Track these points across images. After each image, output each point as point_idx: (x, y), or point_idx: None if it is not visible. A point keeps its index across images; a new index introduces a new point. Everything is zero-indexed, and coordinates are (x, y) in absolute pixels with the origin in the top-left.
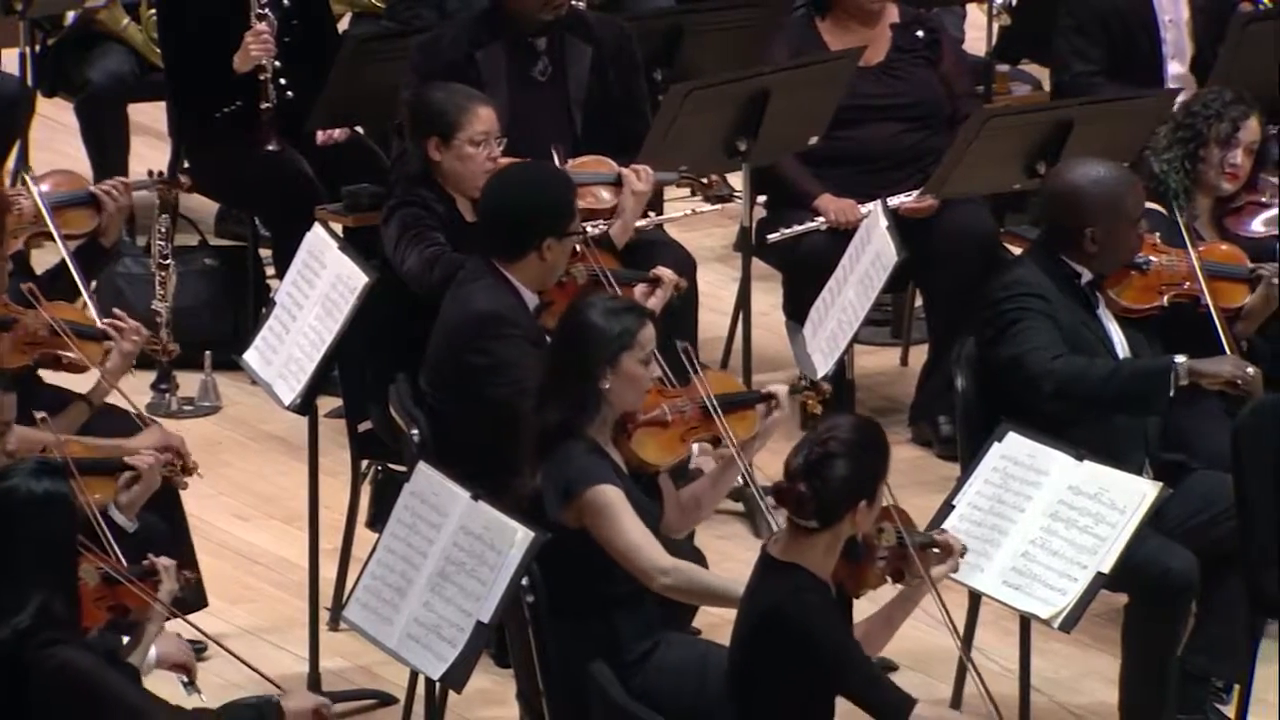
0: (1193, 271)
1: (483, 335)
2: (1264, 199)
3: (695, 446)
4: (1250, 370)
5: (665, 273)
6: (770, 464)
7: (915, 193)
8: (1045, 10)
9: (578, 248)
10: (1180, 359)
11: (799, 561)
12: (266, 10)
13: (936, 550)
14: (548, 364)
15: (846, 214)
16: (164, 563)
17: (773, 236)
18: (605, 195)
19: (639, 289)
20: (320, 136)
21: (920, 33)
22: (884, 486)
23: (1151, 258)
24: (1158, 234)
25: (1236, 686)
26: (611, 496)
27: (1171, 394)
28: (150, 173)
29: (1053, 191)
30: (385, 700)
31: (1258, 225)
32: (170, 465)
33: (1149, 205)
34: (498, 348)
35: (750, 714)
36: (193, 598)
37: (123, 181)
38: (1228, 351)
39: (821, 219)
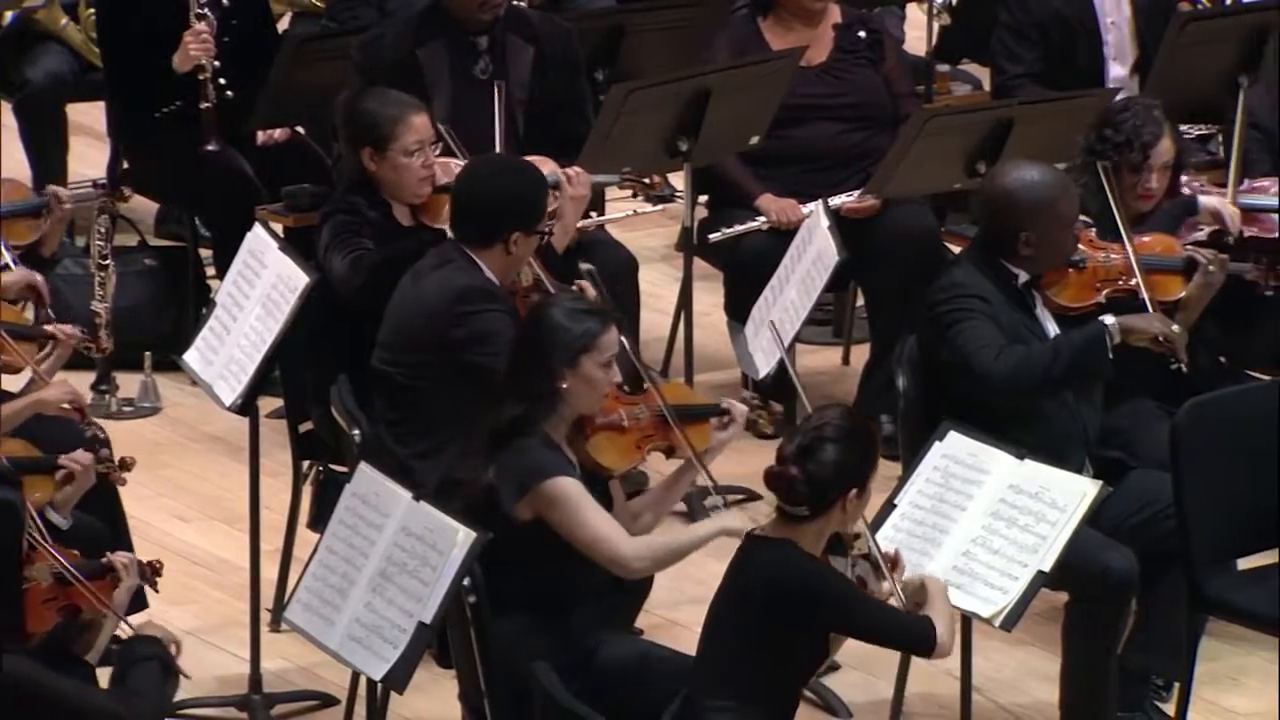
0: (1129, 266)
1: (464, 309)
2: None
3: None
4: (1175, 327)
5: (585, 287)
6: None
7: (857, 193)
8: (985, 10)
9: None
10: (1109, 319)
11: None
12: (206, 10)
13: (892, 561)
14: (510, 359)
15: (788, 214)
16: (122, 560)
17: (714, 236)
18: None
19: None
20: (260, 136)
21: (862, 33)
22: (873, 480)
23: (1087, 254)
24: (1093, 230)
25: (1176, 684)
26: (571, 488)
27: (1110, 355)
28: (94, 183)
29: (987, 196)
30: (327, 701)
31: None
32: (107, 463)
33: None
34: (481, 319)
35: (728, 690)
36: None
37: (66, 192)
38: (1148, 305)
39: (763, 219)
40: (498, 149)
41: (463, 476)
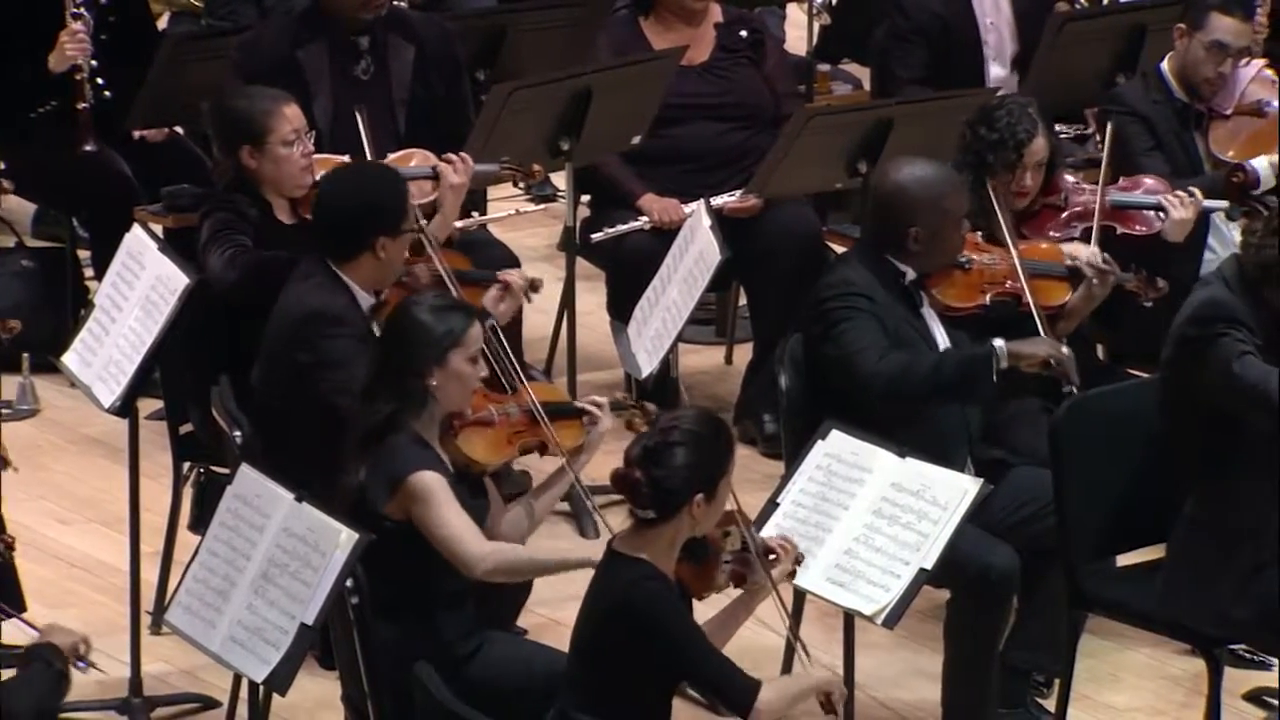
0: (1014, 270)
1: (311, 333)
2: (1059, 201)
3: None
4: (1065, 350)
5: (512, 276)
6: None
7: (739, 192)
8: (865, 10)
9: (425, 247)
10: (999, 342)
11: (643, 555)
12: (82, 9)
13: (773, 556)
14: (375, 360)
15: (670, 213)
16: None
17: (596, 236)
18: (425, 188)
19: (490, 292)
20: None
21: (744, 33)
22: (727, 486)
23: (973, 256)
24: (979, 233)
25: (1057, 680)
26: (433, 483)
27: (995, 378)
28: None
29: (876, 191)
30: (208, 704)
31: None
32: None
33: None
34: (324, 345)
35: (593, 704)
36: (12, 601)
37: None
38: (1036, 314)
39: (645, 219)
40: (365, 148)
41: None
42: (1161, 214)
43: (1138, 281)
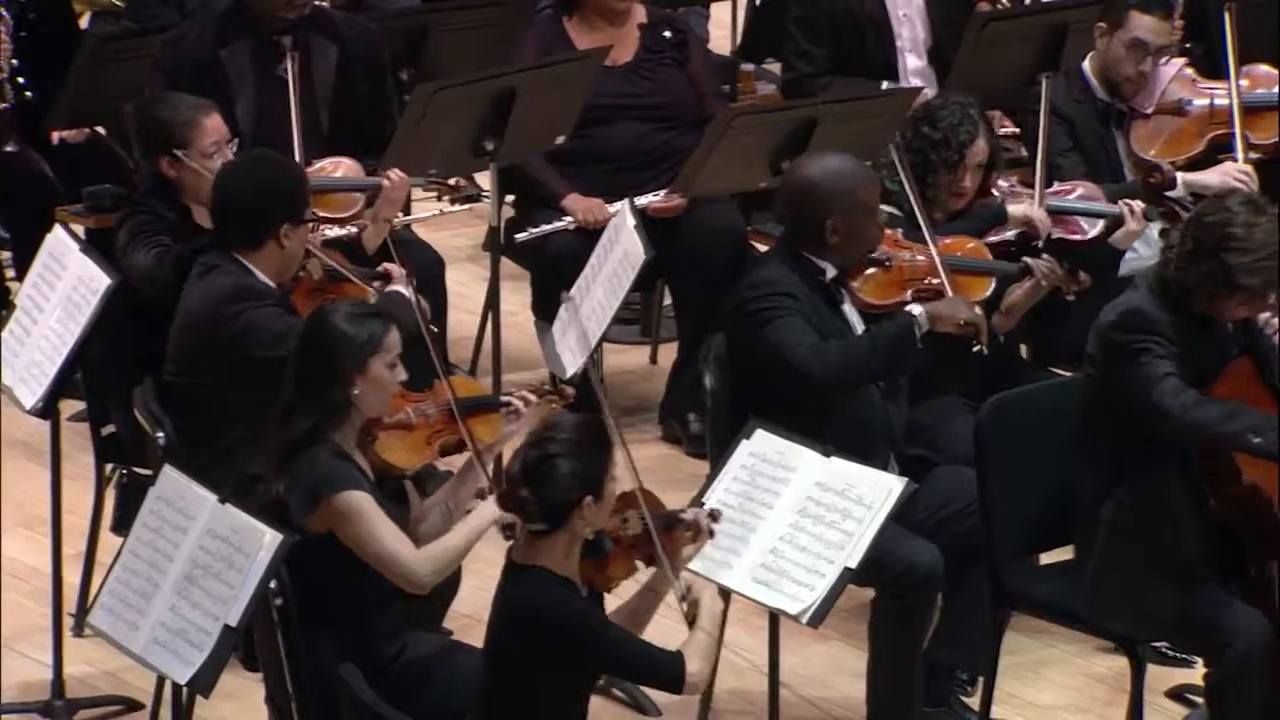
0: (934, 266)
1: (234, 309)
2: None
3: None
4: (978, 311)
5: (394, 269)
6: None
7: (663, 192)
8: (788, 10)
9: (309, 246)
10: (916, 309)
11: (540, 563)
12: (1, 9)
13: (687, 531)
14: (292, 372)
15: (594, 213)
16: None
17: (521, 236)
18: (358, 197)
19: (375, 287)
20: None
21: (668, 33)
22: (613, 481)
23: (893, 253)
24: (899, 230)
25: (981, 678)
26: (362, 502)
27: (919, 344)
28: None
29: (790, 186)
30: (131, 706)
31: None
32: None
33: (887, 208)
34: (250, 315)
35: (509, 715)
36: None
37: None
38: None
39: (569, 218)
40: (295, 148)
41: (258, 472)
42: (1100, 221)
43: (1062, 276)
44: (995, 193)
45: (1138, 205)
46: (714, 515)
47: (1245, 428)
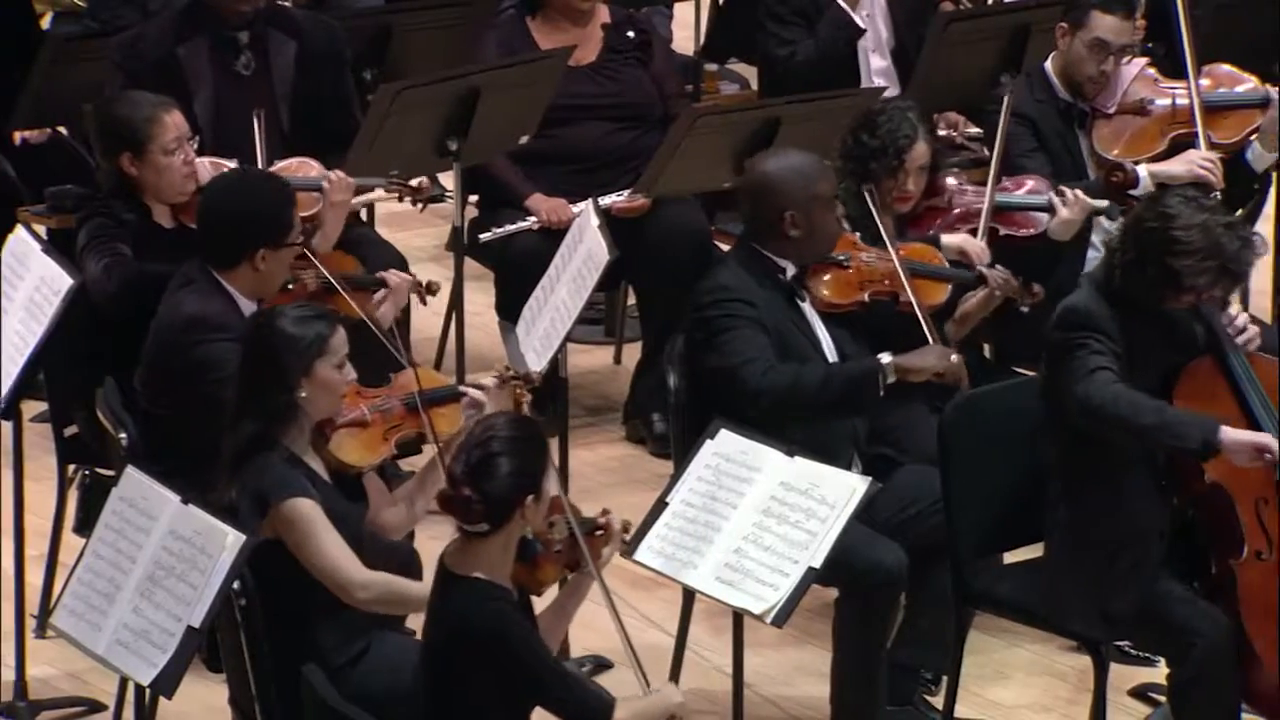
0: (893, 269)
1: (189, 339)
2: (943, 203)
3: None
4: (954, 357)
5: (393, 278)
6: None
7: (627, 192)
8: (752, 11)
9: (309, 253)
10: (886, 358)
11: (477, 570)
12: None
13: (601, 533)
14: (240, 378)
15: (558, 213)
16: None
17: (485, 236)
18: (307, 202)
19: (378, 296)
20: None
21: (631, 33)
22: (548, 484)
23: (853, 254)
24: (858, 234)
25: (944, 677)
26: (307, 511)
27: (881, 393)
28: None
29: (747, 184)
30: (94, 707)
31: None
32: None
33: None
34: (203, 350)
35: None
36: None
37: None
38: (921, 317)
39: (533, 218)
40: (257, 150)
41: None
42: (1047, 214)
43: (1016, 288)
44: (944, 192)
45: (1071, 193)
46: (625, 526)
47: (1166, 424)
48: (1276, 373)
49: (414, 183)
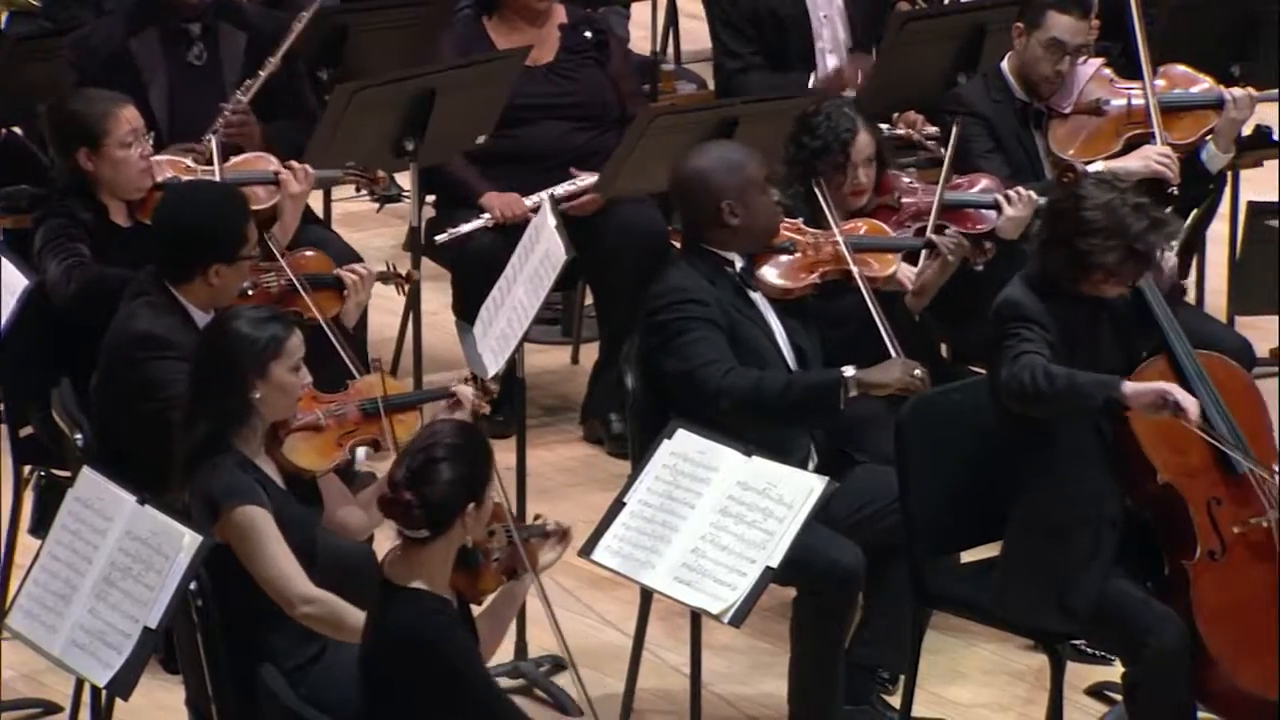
0: (838, 248)
1: (136, 355)
2: (893, 201)
3: (361, 451)
4: (918, 372)
5: (350, 276)
6: None
7: (580, 179)
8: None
9: (276, 253)
10: (849, 371)
11: (417, 578)
12: None
13: (545, 539)
14: (195, 378)
15: (511, 208)
16: None
17: (441, 237)
18: (262, 194)
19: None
20: None
21: (588, 33)
22: (490, 493)
23: (797, 238)
24: (800, 219)
25: (902, 676)
26: (256, 519)
27: (842, 406)
28: None
29: (680, 183)
30: (50, 709)
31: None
32: None
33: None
34: (149, 368)
35: None
36: None
37: None
38: (880, 325)
39: (487, 215)
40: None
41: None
42: (997, 211)
43: (968, 248)
44: (894, 190)
45: (1016, 192)
46: (563, 532)
47: (1074, 388)
48: (1228, 370)
49: (370, 174)
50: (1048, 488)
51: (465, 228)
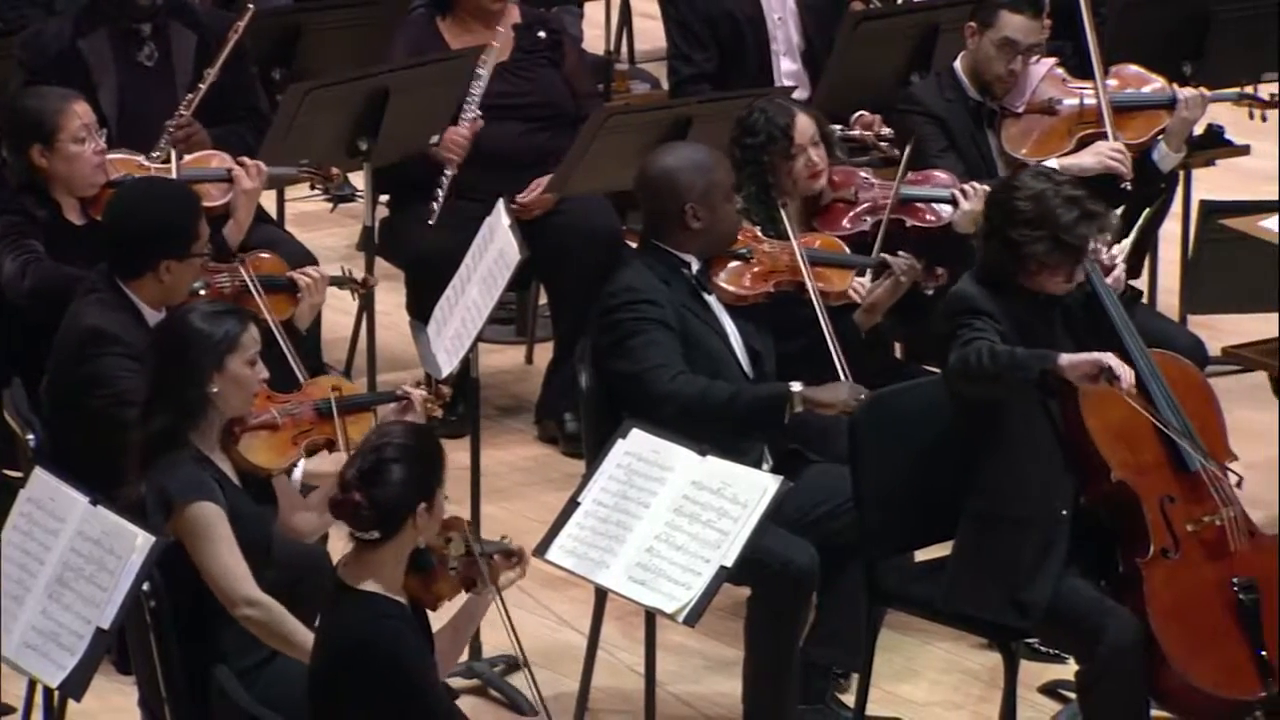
0: (794, 259)
1: (85, 351)
2: (850, 195)
3: (298, 470)
4: (863, 396)
5: (303, 278)
6: None
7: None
8: None
9: (232, 253)
10: (796, 387)
11: (371, 582)
12: None
13: (508, 558)
14: (151, 373)
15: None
16: None
17: (433, 221)
18: (215, 192)
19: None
20: None
21: (542, 33)
22: (442, 494)
23: (755, 246)
24: (758, 227)
25: (856, 675)
26: (210, 516)
27: (786, 421)
28: None
29: (646, 181)
30: (3, 710)
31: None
32: None
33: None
34: (97, 364)
35: None
36: None
37: None
38: (830, 343)
39: (449, 170)
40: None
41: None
42: (952, 206)
43: (919, 272)
44: (851, 185)
45: (972, 187)
46: (522, 555)
47: (1015, 363)
48: (1181, 369)
49: (325, 172)
50: (1001, 482)
51: (441, 194)
